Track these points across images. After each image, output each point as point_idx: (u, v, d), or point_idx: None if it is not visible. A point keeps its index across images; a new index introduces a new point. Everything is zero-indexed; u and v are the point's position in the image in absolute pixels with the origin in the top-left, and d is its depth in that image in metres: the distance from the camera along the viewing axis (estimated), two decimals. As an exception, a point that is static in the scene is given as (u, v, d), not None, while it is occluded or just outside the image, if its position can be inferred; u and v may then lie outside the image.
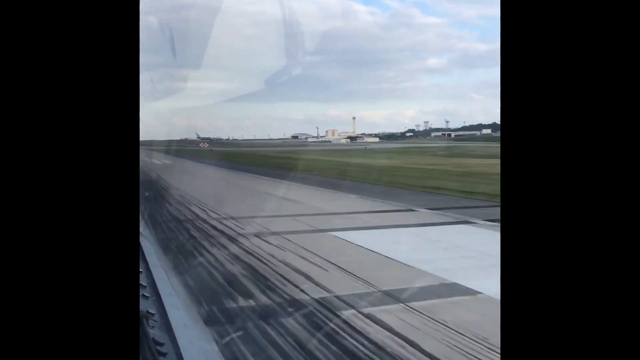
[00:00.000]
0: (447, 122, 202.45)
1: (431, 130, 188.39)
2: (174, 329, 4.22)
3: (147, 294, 5.01)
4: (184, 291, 7.43)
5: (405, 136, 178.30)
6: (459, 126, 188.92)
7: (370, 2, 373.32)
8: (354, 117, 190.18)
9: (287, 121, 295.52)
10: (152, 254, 8.69)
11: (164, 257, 9.53)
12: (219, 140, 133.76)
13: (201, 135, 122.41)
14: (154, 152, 53.51)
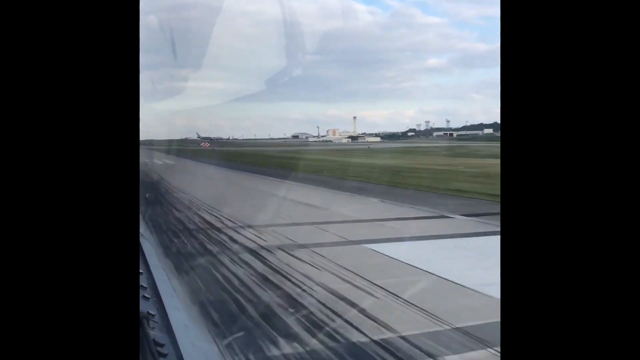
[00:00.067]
0: (448, 122, 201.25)
1: (433, 130, 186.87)
2: (174, 330, 4.22)
3: (147, 295, 4.99)
4: (210, 335, 5.79)
5: (406, 136, 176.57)
6: (460, 126, 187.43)
7: (370, 1, 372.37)
8: (355, 117, 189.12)
9: (287, 121, 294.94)
10: (165, 281, 7.06)
11: (177, 283, 7.88)
12: (219, 139, 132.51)
13: (202, 135, 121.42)
14: (154, 151, 51.98)
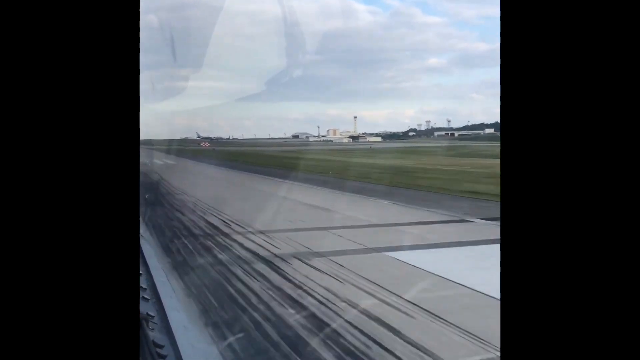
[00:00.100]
0: (449, 122, 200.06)
1: (434, 129, 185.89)
2: (173, 331, 4.22)
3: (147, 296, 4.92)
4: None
5: (407, 136, 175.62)
6: (461, 125, 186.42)
7: (370, 1, 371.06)
8: (355, 117, 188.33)
9: (288, 121, 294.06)
10: (172, 297, 6.20)
11: (187, 304, 7.02)
12: (219, 139, 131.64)
13: (202, 134, 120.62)
14: (154, 151, 51.08)
